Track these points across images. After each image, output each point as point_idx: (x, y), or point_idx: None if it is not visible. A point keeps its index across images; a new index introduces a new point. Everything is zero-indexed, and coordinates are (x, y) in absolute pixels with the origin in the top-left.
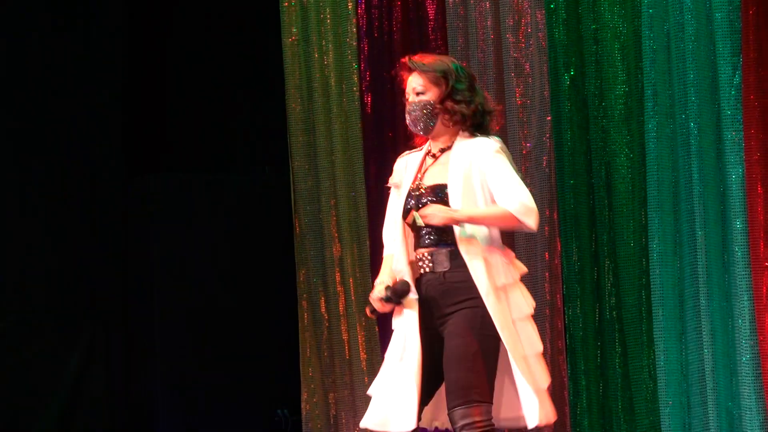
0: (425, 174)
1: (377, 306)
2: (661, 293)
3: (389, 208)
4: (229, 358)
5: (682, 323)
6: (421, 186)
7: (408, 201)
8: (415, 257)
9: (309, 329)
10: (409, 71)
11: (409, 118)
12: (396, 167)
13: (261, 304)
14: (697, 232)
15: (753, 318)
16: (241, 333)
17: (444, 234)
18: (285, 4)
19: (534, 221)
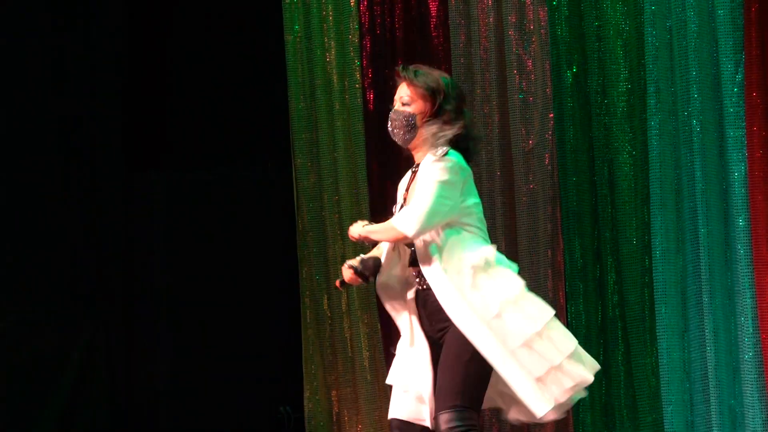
0: (408, 191)
1: (346, 275)
2: (664, 291)
3: None
4: (231, 355)
5: (684, 321)
6: (403, 204)
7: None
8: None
9: (311, 326)
10: (401, 79)
11: (390, 125)
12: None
13: (263, 301)
14: (700, 229)
15: (755, 316)
16: (243, 330)
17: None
18: (287, 1)
19: (408, 227)
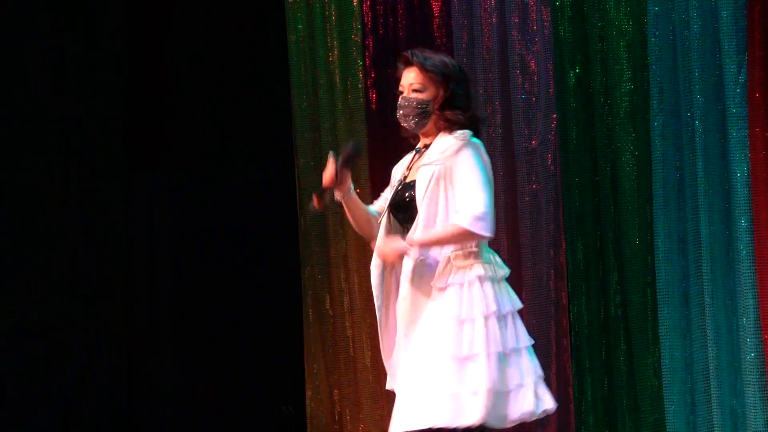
0: (411, 169)
1: (327, 174)
2: (666, 291)
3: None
4: (233, 355)
5: (687, 321)
6: (402, 184)
7: (392, 199)
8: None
9: (314, 326)
10: (409, 65)
11: (401, 112)
12: (393, 171)
13: (265, 301)
14: (702, 230)
15: (758, 316)
16: (245, 330)
17: None
18: (289, 0)
19: (486, 229)
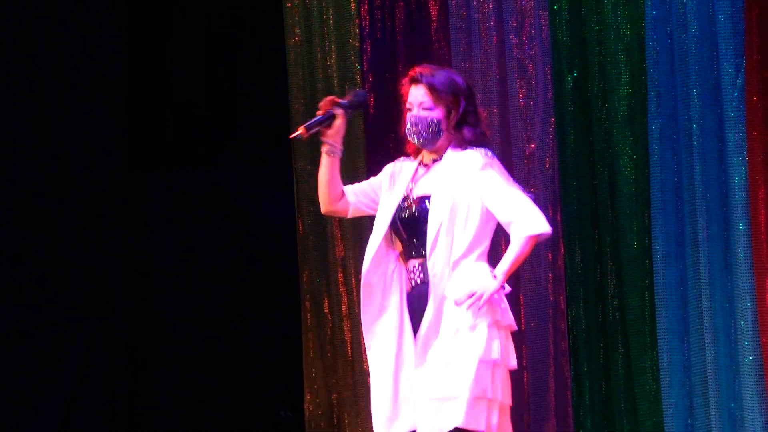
0: (417, 184)
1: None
2: (664, 295)
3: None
4: (232, 358)
5: (684, 324)
6: (410, 197)
7: (397, 212)
8: (406, 269)
9: (312, 330)
10: (417, 83)
11: (413, 130)
12: (386, 169)
13: (263, 304)
14: (700, 233)
15: (756, 320)
16: (244, 333)
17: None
18: (288, 4)
19: (547, 226)
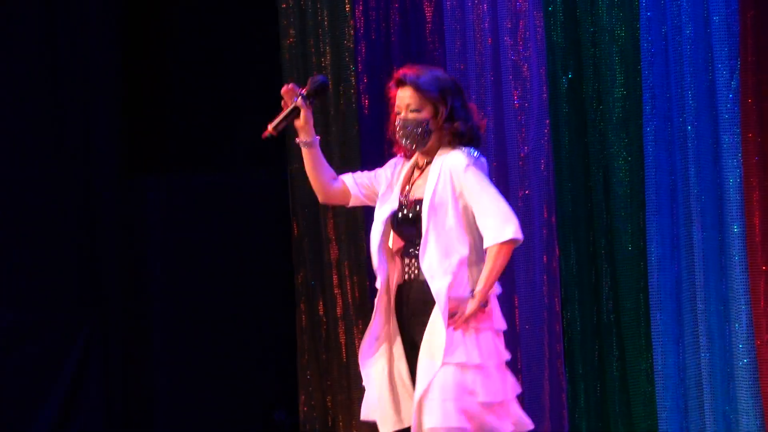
0: (413, 187)
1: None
2: (659, 297)
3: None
4: (227, 360)
5: (679, 327)
6: (406, 199)
7: (394, 213)
8: (402, 263)
9: (307, 332)
10: (402, 85)
11: (401, 133)
12: (389, 163)
13: (259, 306)
14: (695, 235)
15: (750, 322)
16: (239, 335)
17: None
18: (283, 5)
19: (518, 233)
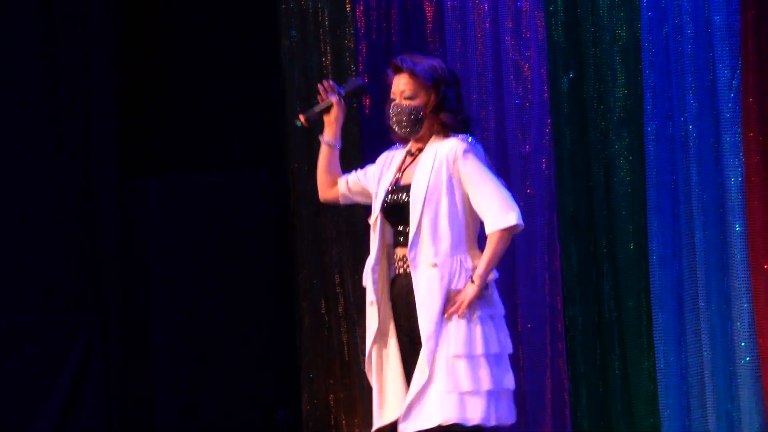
0: (404, 173)
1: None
2: (661, 296)
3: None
4: (229, 359)
5: (681, 326)
6: (395, 186)
7: (384, 201)
8: (394, 257)
9: (309, 331)
10: (399, 71)
11: (394, 119)
12: (380, 158)
13: (260, 306)
14: (697, 234)
15: (752, 320)
16: (240, 335)
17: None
18: (283, 6)
19: (515, 220)
